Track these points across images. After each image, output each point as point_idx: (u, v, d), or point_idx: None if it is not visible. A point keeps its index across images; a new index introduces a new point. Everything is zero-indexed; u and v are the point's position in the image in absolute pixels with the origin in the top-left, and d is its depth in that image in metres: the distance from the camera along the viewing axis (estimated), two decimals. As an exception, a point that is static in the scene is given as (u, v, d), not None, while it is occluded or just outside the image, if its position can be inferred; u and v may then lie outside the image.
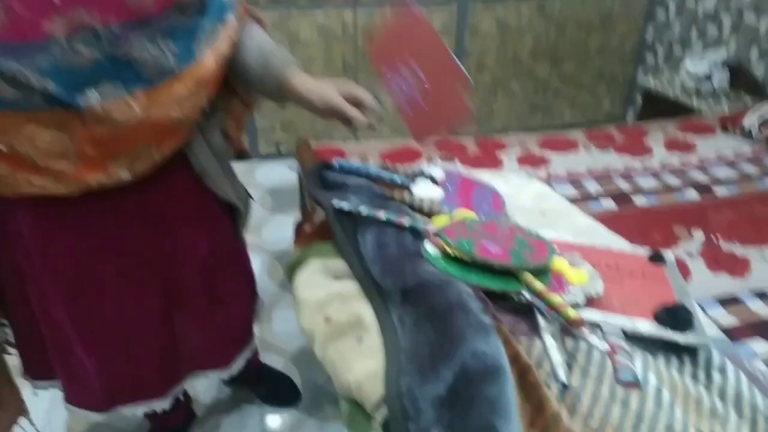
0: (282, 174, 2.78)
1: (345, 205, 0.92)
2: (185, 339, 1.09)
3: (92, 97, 0.73)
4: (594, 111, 3.36)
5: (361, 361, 0.73)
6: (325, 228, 0.98)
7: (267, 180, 2.75)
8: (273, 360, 1.70)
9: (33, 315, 1.00)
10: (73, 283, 0.94)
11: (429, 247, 0.84)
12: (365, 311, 0.82)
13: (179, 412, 1.45)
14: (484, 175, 1.28)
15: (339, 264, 0.91)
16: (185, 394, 1.46)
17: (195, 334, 1.10)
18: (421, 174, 1.11)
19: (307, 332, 0.85)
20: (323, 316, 0.83)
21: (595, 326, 0.75)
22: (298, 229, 1.23)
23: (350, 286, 0.87)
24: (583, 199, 1.65)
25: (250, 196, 1.12)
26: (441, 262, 0.81)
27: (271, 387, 1.62)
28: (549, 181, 1.74)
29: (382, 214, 0.90)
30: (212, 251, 1.05)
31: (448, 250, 0.82)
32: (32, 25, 0.66)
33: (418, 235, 0.88)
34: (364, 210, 0.90)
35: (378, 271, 0.83)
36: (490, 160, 1.88)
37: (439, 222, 0.90)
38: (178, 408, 1.38)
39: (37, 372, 1.11)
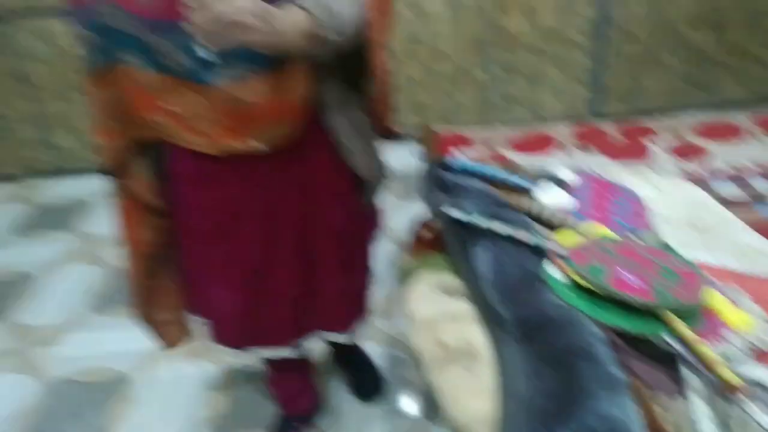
0: (408, 157, 2.75)
1: (459, 215, 0.85)
2: (314, 297, 1.17)
3: (222, 77, 0.85)
4: (765, 87, 2.89)
5: (472, 400, 0.67)
6: (439, 236, 0.92)
7: (396, 164, 2.72)
8: (389, 357, 1.69)
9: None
10: (220, 227, 1.06)
11: (552, 270, 0.75)
12: (478, 337, 0.75)
13: (307, 397, 1.51)
14: (624, 175, 1.13)
15: (451, 279, 0.85)
16: (312, 386, 1.51)
17: (323, 294, 1.17)
18: (547, 175, 1.00)
19: (416, 351, 0.81)
20: (434, 337, 0.78)
21: (760, 388, 0.61)
22: (415, 230, 1.18)
23: (463, 306, 0.81)
24: (749, 202, 1.41)
25: (384, 173, 1.18)
26: (565, 290, 0.71)
27: (359, 374, 1.63)
28: (707, 177, 1.51)
29: (499, 227, 0.81)
30: (345, 219, 1.12)
31: (576, 277, 0.71)
32: (173, 7, 0.76)
33: (540, 253, 0.79)
34: (479, 220, 0.83)
35: (494, 295, 0.75)
36: (636, 150, 1.67)
37: (565, 238, 0.80)
38: (306, 393, 1.49)
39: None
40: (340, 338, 1.27)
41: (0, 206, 2.66)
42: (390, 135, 1.20)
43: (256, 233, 1.07)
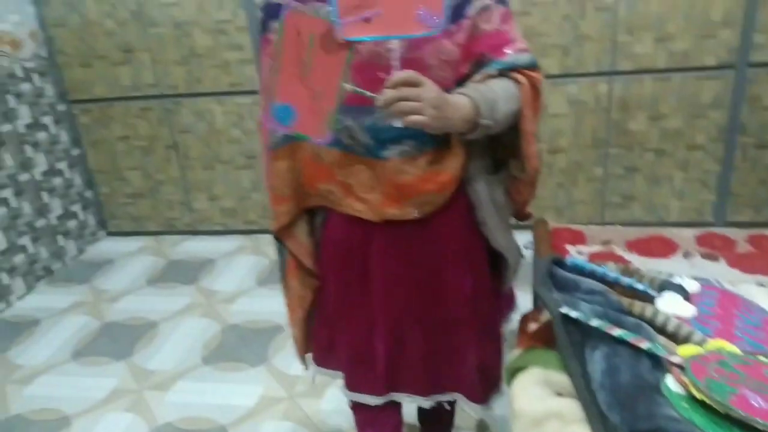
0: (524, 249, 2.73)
1: (574, 314, 0.85)
2: (451, 362, 1.21)
3: (393, 152, 1.01)
4: None
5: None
6: (551, 331, 0.92)
7: (501, 250, 2.73)
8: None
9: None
10: (360, 284, 1.15)
11: (670, 382, 0.73)
12: (585, 441, 0.73)
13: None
14: (752, 288, 1.08)
15: (562, 378, 0.84)
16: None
17: (462, 361, 1.20)
18: (670, 283, 0.97)
19: (518, 447, 0.80)
20: (538, 435, 0.77)
21: None
22: (523, 322, 1.18)
23: (571, 407, 0.79)
24: None
25: (522, 254, 1.26)
26: (683, 404, 0.69)
27: None
28: None
29: (616, 331, 0.81)
30: (476, 291, 1.17)
31: (694, 391, 0.69)
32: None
33: (658, 362, 0.77)
34: (595, 322, 0.82)
35: (606, 399, 0.74)
36: (766, 262, 1.57)
37: (686, 351, 0.77)
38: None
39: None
40: (474, 409, 1.27)
41: (139, 257, 2.97)
42: (526, 219, 1.30)
43: (393, 290, 1.13)
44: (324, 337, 1.27)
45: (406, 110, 0.86)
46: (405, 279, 1.13)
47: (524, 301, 1.67)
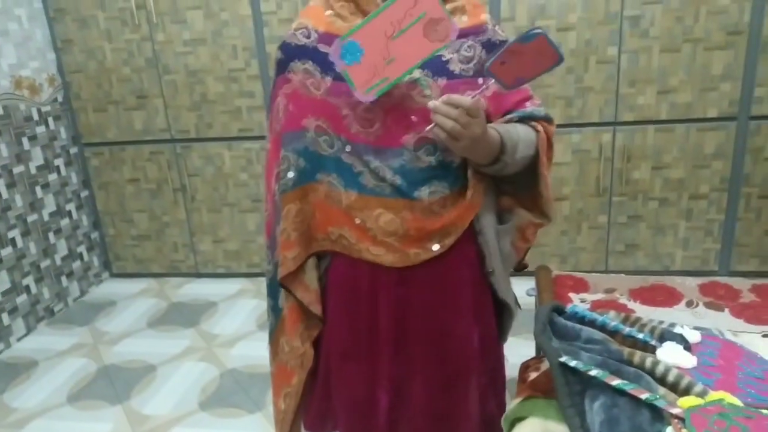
0: (521, 292, 2.71)
1: (574, 364, 0.83)
2: (456, 418, 1.17)
3: (423, 193, 1.01)
4: None
5: None
6: (551, 380, 0.90)
7: (505, 297, 2.70)
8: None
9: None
10: (362, 335, 1.11)
11: (670, 434, 0.71)
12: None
13: None
14: (756, 339, 1.06)
15: (561, 429, 0.82)
16: None
17: (466, 417, 1.16)
18: (671, 333, 0.96)
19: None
20: (536, 487, 0.75)
21: None
22: (523, 371, 1.16)
23: (570, 459, 0.77)
24: None
25: (518, 305, 1.23)
26: (684, 458, 0.67)
27: None
28: None
29: (616, 381, 0.79)
30: (483, 343, 1.14)
31: (696, 444, 0.67)
32: (395, 137, 0.98)
33: (658, 413, 0.75)
34: (595, 372, 0.81)
35: (604, 451, 0.72)
36: (771, 313, 1.54)
37: (687, 402, 0.76)
38: None
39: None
40: None
41: (141, 299, 2.96)
42: (524, 269, 1.29)
43: (402, 341, 1.10)
44: (322, 398, 1.20)
45: (449, 130, 0.87)
46: (414, 329, 1.10)
47: (526, 349, 1.66)
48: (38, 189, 2.79)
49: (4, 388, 2.30)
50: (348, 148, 1.00)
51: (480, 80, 1.01)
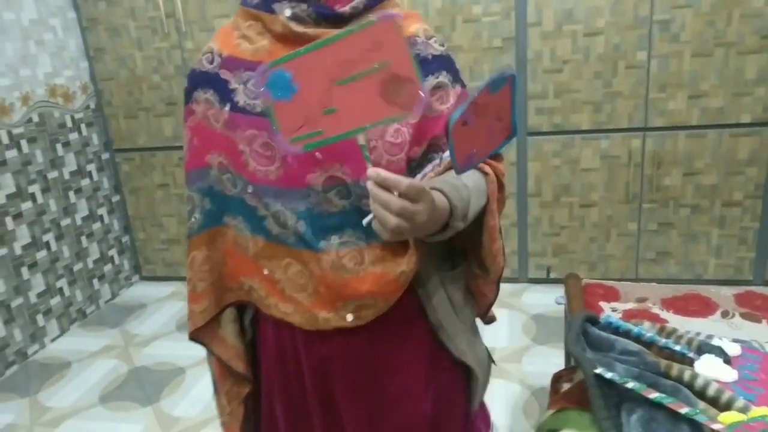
0: (550, 300, 2.69)
1: (609, 375, 0.82)
2: None
3: (332, 243, 0.82)
4: None
5: None
6: (584, 391, 0.89)
7: (533, 305, 2.68)
8: None
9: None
10: (292, 405, 0.96)
11: (712, 451, 0.70)
12: None
13: None
14: (800, 354, 1.03)
15: (596, 442, 0.81)
16: None
17: None
18: (709, 345, 0.94)
19: None
20: (572, 501, 0.74)
21: None
22: (555, 382, 1.15)
23: (607, 473, 0.76)
24: None
25: (492, 361, 1.04)
26: (727, 476, 0.66)
27: None
28: None
29: (653, 394, 0.78)
30: (436, 412, 0.93)
31: (739, 462, 0.66)
32: (298, 176, 0.81)
33: (697, 428, 0.74)
34: (632, 385, 0.80)
35: (642, 466, 0.71)
36: (812, 324, 1.50)
37: (729, 418, 0.74)
38: None
39: None
40: None
41: (170, 302, 3.01)
42: (491, 322, 1.08)
43: (321, 408, 0.94)
44: None
45: (392, 230, 0.68)
46: (343, 395, 0.92)
47: (555, 358, 1.64)
48: (71, 194, 2.85)
49: (39, 387, 2.35)
50: (250, 189, 0.85)
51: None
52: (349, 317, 0.85)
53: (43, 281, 2.67)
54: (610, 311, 1.60)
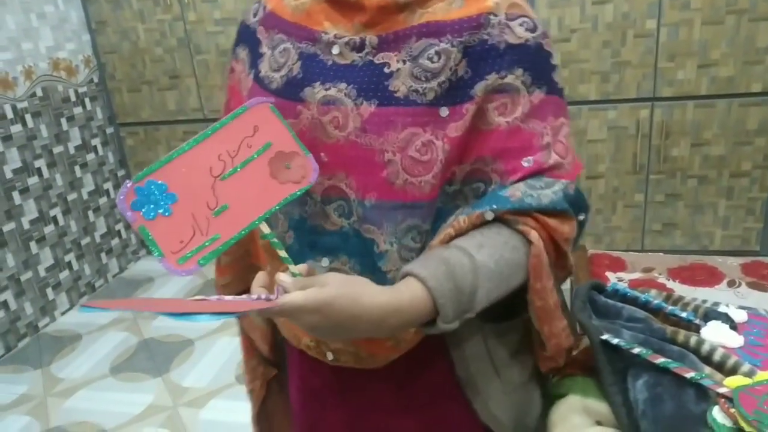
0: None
1: (616, 341, 0.83)
2: None
3: (320, 266, 0.69)
4: None
5: None
6: (589, 358, 0.90)
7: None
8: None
9: None
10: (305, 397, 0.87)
11: (717, 414, 0.70)
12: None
13: None
14: (807, 321, 1.03)
15: (601, 406, 0.82)
16: None
17: None
18: (716, 312, 0.94)
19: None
20: (577, 464, 0.75)
21: None
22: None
23: (612, 436, 0.77)
24: None
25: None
26: (731, 437, 0.66)
27: None
28: None
29: (659, 359, 0.78)
30: None
31: (744, 424, 0.66)
32: None
33: (703, 393, 0.74)
34: (638, 350, 0.80)
35: (648, 428, 0.72)
36: (818, 292, 1.51)
37: (734, 382, 0.74)
38: None
39: None
40: None
41: (179, 277, 3.03)
42: (557, 373, 0.84)
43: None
44: None
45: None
46: None
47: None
48: (77, 168, 2.86)
49: (51, 359, 2.39)
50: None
51: (444, 111, 0.63)
52: (330, 356, 0.73)
53: (52, 255, 2.69)
54: (616, 281, 1.60)
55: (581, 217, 0.70)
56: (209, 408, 2.02)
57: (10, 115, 2.49)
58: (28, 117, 2.58)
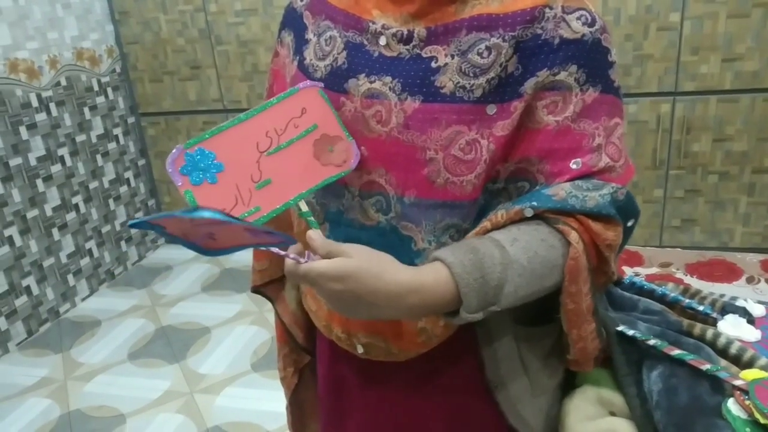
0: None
1: (631, 333, 0.82)
2: None
3: None
4: None
5: None
6: (605, 348, 0.90)
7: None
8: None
9: None
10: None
11: (732, 406, 0.70)
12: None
13: None
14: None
15: (615, 397, 0.82)
16: None
17: None
18: (733, 306, 0.94)
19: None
20: (590, 454, 0.75)
21: None
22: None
23: (625, 427, 0.77)
24: None
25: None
26: (744, 428, 0.66)
27: None
28: None
29: (675, 351, 0.78)
30: None
31: (759, 416, 0.66)
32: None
33: (718, 385, 0.74)
34: (654, 342, 0.80)
35: (662, 419, 0.72)
36: (840, 291, 1.48)
37: (750, 375, 0.74)
38: None
39: None
40: None
41: (195, 264, 3.07)
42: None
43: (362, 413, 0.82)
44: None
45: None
46: (358, 425, 0.81)
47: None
48: (99, 157, 2.90)
49: (71, 344, 2.44)
50: None
51: (491, 109, 0.61)
52: (360, 349, 0.73)
53: (73, 242, 2.74)
54: (633, 275, 1.59)
55: (630, 224, 0.68)
56: (225, 395, 2.05)
57: (35, 103, 2.53)
58: (52, 106, 2.62)
